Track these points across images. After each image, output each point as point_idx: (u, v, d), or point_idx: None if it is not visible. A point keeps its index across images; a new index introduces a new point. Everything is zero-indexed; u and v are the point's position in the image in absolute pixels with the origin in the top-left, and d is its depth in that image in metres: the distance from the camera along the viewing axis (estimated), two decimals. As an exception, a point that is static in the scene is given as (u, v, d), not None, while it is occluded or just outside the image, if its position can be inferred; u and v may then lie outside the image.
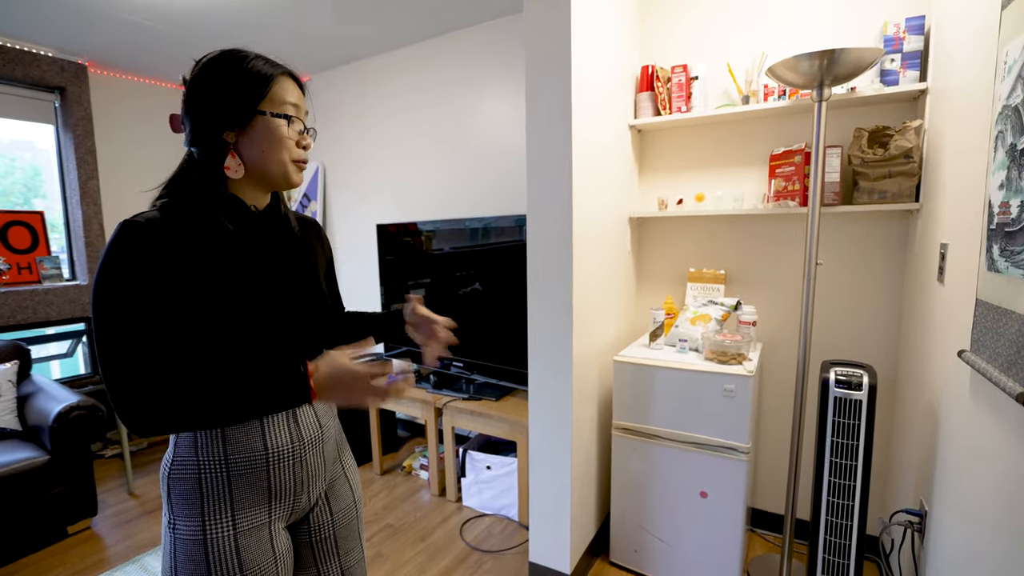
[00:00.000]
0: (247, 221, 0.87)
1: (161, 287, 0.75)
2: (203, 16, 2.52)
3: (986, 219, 1.02)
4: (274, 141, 0.83)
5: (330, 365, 0.80)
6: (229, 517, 0.83)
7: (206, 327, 0.79)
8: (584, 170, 1.76)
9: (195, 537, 0.81)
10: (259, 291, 0.85)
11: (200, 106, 0.82)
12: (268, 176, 0.86)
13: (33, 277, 3.00)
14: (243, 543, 0.83)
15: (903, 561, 1.63)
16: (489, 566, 2.06)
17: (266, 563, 0.86)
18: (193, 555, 0.81)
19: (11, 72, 2.80)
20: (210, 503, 0.82)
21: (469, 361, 2.64)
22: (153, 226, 0.76)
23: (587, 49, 1.73)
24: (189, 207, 0.82)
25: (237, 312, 0.81)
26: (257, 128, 0.82)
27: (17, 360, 2.55)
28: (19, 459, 2.14)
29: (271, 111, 0.83)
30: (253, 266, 0.86)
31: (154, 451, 3.24)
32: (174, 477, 0.83)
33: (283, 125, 0.84)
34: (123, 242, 0.74)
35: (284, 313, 0.88)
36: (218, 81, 0.81)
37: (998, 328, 0.94)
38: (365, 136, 3.32)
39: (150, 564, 2.10)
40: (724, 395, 1.73)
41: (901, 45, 1.70)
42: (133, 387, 0.73)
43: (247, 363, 0.83)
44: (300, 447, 0.89)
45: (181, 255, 0.78)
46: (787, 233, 2.07)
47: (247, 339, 0.83)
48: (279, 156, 0.84)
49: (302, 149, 0.88)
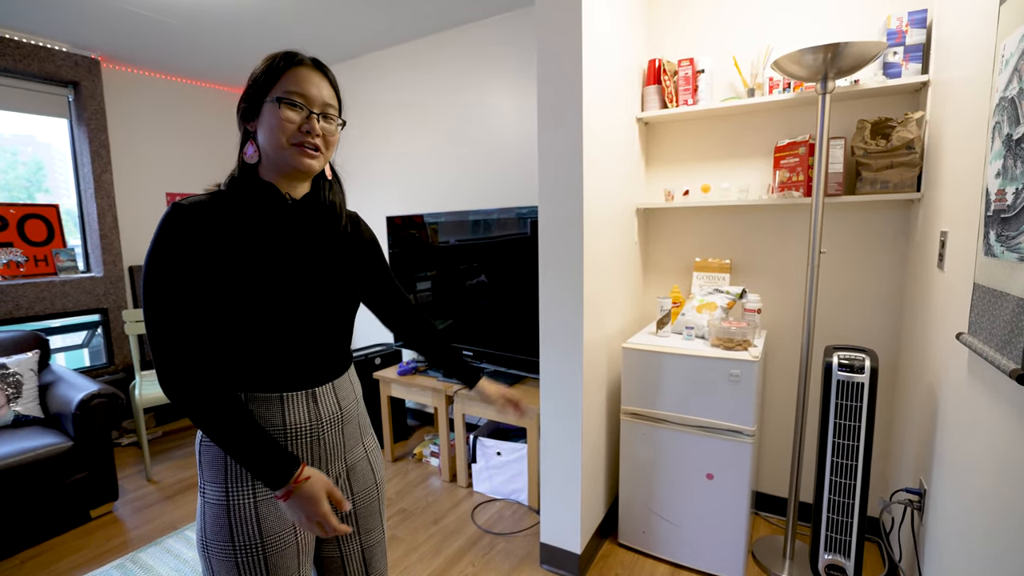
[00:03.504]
0: (278, 207, 0.92)
1: (200, 265, 0.83)
2: (214, 11, 2.56)
3: (983, 206, 1.07)
4: (272, 126, 0.87)
5: (311, 486, 0.85)
6: (249, 485, 0.89)
7: (235, 304, 0.85)
8: (593, 161, 1.81)
9: (220, 502, 0.89)
10: (280, 275, 0.89)
11: (239, 102, 0.92)
12: (275, 161, 0.90)
13: (49, 269, 3.06)
14: (263, 511, 0.89)
15: (903, 539, 1.69)
16: (501, 547, 2.13)
17: (285, 532, 0.92)
18: (219, 518, 0.88)
19: (26, 67, 2.84)
20: (233, 471, 0.89)
21: (478, 350, 2.70)
22: (197, 209, 0.84)
23: (597, 42, 1.78)
24: (231, 193, 0.90)
25: (260, 291, 0.87)
26: (263, 115, 0.89)
27: (38, 350, 2.61)
28: (44, 444, 2.21)
29: (276, 97, 0.87)
30: (279, 250, 0.91)
31: (169, 440, 3.31)
32: (204, 446, 0.91)
33: (285, 110, 0.87)
34: (168, 224, 0.82)
35: (307, 297, 0.93)
36: (250, 77, 0.91)
37: (994, 310, 0.99)
38: (373, 128, 3.37)
39: (172, 546, 2.17)
40: (730, 380, 1.78)
41: (904, 38, 1.74)
42: (169, 354, 0.81)
43: (262, 432, 0.86)
44: (318, 426, 0.95)
45: (218, 236, 0.85)
46: (791, 223, 2.12)
47: (270, 319, 0.88)
48: (276, 140, 0.88)
49: (304, 134, 0.88)
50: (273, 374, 0.90)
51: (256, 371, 0.89)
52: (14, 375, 2.43)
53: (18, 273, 2.93)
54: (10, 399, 2.39)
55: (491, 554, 2.09)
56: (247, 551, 0.88)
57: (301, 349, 0.93)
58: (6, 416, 2.36)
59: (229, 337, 0.87)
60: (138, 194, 3.46)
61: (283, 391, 0.91)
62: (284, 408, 0.91)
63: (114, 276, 3.28)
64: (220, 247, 0.84)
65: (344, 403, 1.01)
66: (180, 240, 0.81)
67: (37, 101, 3.01)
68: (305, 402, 0.93)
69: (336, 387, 1.00)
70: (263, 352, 0.89)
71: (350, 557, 1.05)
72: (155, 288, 0.81)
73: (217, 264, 0.84)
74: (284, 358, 0.91)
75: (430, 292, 2.90)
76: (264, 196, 0.91)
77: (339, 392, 1.00)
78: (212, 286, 0.83)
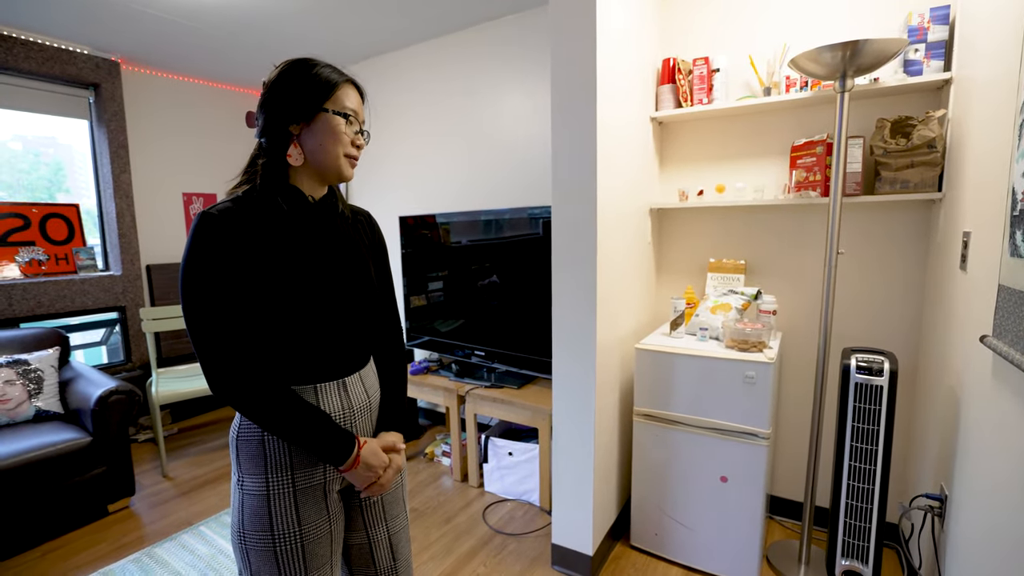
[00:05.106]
0: (303, 208, 0.96)
1: (233, 269, 0.86)
2: (231, 14, 2.59)
3: (1009, 206, 1.04)
4: (332, 135, 0.93)
5: (371, 454, 0.97)
6: (288, 475, 0.93)
7: (269, 303, 0.89)
8: (607, 161, 1.80)
9: (260, 492, 0.92)
10: (311, 272, 0.94)
11: (273, 102, 0.92)
12: (323, 167, 0.95)
13: (70, 268, 3.12)
14: (301, 500, 0.93)
15: (923, 546, 1.65)
16: (512, 548, 2.13)
17: (320, 520, 0.96)
18: (258, 509, 0.92)
19: (49, 69, 2.90)
20: (272, 462, 0.92)
21: (490, 350, 2.70)
22: (225, 216, 0.87)
23: (611, 41, 1.77)
24: (257, 195, 0.92)
25: (291, 290, 0.91)
26: (319, 123, 0.92)
27: (59, 346, 2.66)
28: (64, 439, 2.25)
29: (333, 109, 0.92)
30: (307, 249, 0.95)
31: (184, 436, 3.36)
32: (241, 439, 0.94)
33: (342, 123, 0.94)
34: (200, 232, 0.85)
35: (334, 291, 0.97)
36: (291, 81, 0.92)
37: (1020, 312, 0.97)
38: (387, 129, 3.38)
39: (187, 542, 2.20)
40: (745, 382, 1.76)
41: (925, 35, 1.70)
42: (215, 356, 0.85)
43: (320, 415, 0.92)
44: (350, 413, 1.00)
45: (249, 240, 0.88)
46: (808, 223, 2.09)
47: (301, 315, 0.92)
48: (335, 149, 0.94)
49: (355, 148, 0.98)
50: (307, 367, 0.95)
51: (291, 365, 0.93)
52: (35, 371, 2.48)
53: (40, 271, 2.99)
54: (32, 395, 2.44)
55: (502, 555, 2.08)
56: (286, 540, 0.92)
57: (332, 341, 0.97)
58: (28, 411, 2.41)
59: (264, 334, 0.91)
60: (156, 194, 3.51)
61: (317, 382, 0.96)
62: (319, 399, 0.96)
63: (132, 275, 3.33)
64: (250, 251, 0.88)
65: (371, 392, 1.06)
66: (212, 248, 0.85)
67: (59, 103, 3.07)
68: (337, 392, 0.99)
69: (363, 376, 1.05)
70: (297, 347, 0.93)
71: (378, 544, 1.08)
72: (194, 296, 0.85)
73: (249, 267, 0.87)
74: (316, 351, 0.95)
75: (442, 292, 2.91)
76: (290, 199, 0.95)
77: (366, 381, 1.06)
78: (246, 288, 0.87)
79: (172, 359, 3.56)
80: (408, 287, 3.08)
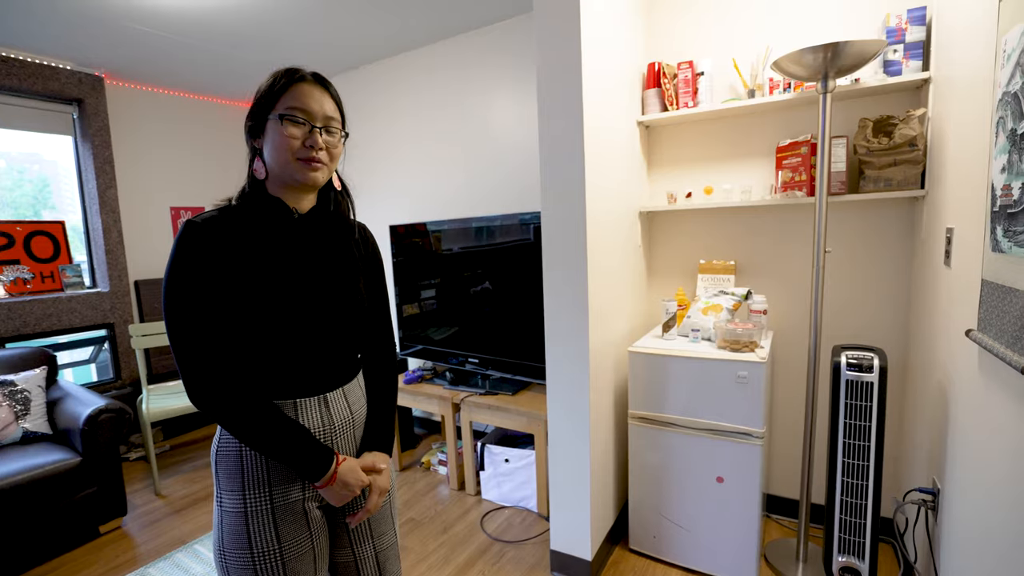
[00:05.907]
0: (285, 221, 0.95)
1: (215, 279, 0.86)
2: (217, 25, 2.58)
3: (989, 202, 1.06)
4: (274, 142, 0.90)
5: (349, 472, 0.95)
6: (266, 492, 0.91)
7: (247, 315, 0.88)
8: (595, 165, 1.81)
9: (238, 509, 0.91)
10: (289, 285, 0.92)
11: (246, 120, 0.94)
12: (281, 176, 0.93)
13: (56, 285, 3.08)
14: (280, 517, 0.92)
15: (918, 539, 1.67)
16: (511, 556, 2.12)
17: (302, 537, 0.94)
18: (237, 526, 0.90)
19: (31, 85, 2.87)
20: (250, 478, 0.91)
21: (484, 357, 2.69)
22: (209, 225, 0.87)
23: (596, 46, 1.78)
24: (240, 207, 0.93)
25: (268, 303, 0.90)
26: (268, 132, 0.91)
27: (46, 366, 2.62)
28: (53, 461, 2.21)
29: (278, 114, 0.89)
30: (287, 261, 0.93)
31: (177, 454, 3.32)
32: (220, 455, 0.93)
33: (287, 127, 0.89)
34: (183, 241, 0.85)
35: (313, 306, 0.95)
36: (254, 97, 0.93)
37: (1003, 306, 0.98)
38: (377, 138, 3.38)
39: (181, 561, 2.17)
40: (737, 382, 1.77)
41: (903, 36, 1.74)
42: (194, 363, 0.85)
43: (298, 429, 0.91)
44: (330, 430, 0.98)
45: (230, 250, 0.88)
46: (795, 223, 2.12)
47: (279, 329, 0.91)
48: (281, 155, 0.90)
49: (308, 148, 0.90)
50: (286, 381, 0.93)
51: (270, 379, 0.92)
52: (22, 392, 2.44)
53: (25, 290, 2.95)
54: (19, 416, 2.40)
55: (501, 562, 2.07)
56: (265, 558, 0.90)
57: (311, 357, 0.95)
58: (15, 433, 2.36)
59: (244, 347, 0.89)
60: (143, 209, 3.48)
61: (296, 397, 0.94)
62: (297, 414, 0.94)
63: (120, 291, 3.30)
64: (231, 261, 0.87)
65: (355, 408, 1.04)
66: (195, 257, 0.85)
67: (42, 119, 3.04)
68: (318, 407, 0.96)
69: (346, 392, 1.03)
70: (275, 361, 0.92)
71: (364, 562, 1.06)
72: (176, 304, 0.84)
73: (230, 277, 0.87)
74: (295, 366, 0.94)
75: (434, 300, 2.90)
76: (271, 211, 0.94)
77: (349, 397, 1.03)
78: (227, 299, 0.87)
79: (162, 375, 3.52)
80: (400, 296, 3.07)
